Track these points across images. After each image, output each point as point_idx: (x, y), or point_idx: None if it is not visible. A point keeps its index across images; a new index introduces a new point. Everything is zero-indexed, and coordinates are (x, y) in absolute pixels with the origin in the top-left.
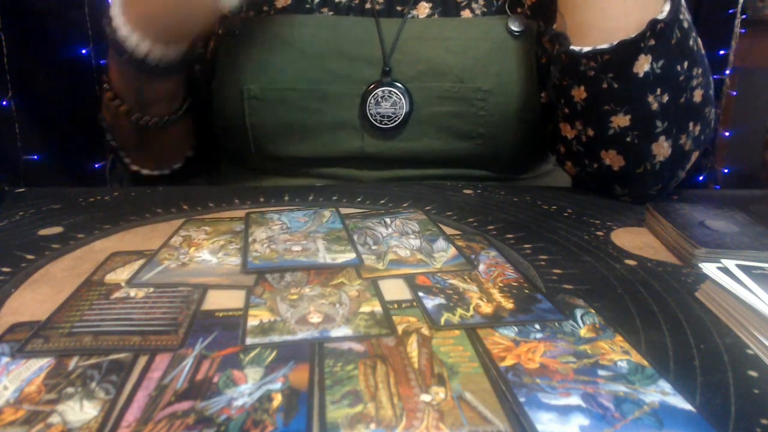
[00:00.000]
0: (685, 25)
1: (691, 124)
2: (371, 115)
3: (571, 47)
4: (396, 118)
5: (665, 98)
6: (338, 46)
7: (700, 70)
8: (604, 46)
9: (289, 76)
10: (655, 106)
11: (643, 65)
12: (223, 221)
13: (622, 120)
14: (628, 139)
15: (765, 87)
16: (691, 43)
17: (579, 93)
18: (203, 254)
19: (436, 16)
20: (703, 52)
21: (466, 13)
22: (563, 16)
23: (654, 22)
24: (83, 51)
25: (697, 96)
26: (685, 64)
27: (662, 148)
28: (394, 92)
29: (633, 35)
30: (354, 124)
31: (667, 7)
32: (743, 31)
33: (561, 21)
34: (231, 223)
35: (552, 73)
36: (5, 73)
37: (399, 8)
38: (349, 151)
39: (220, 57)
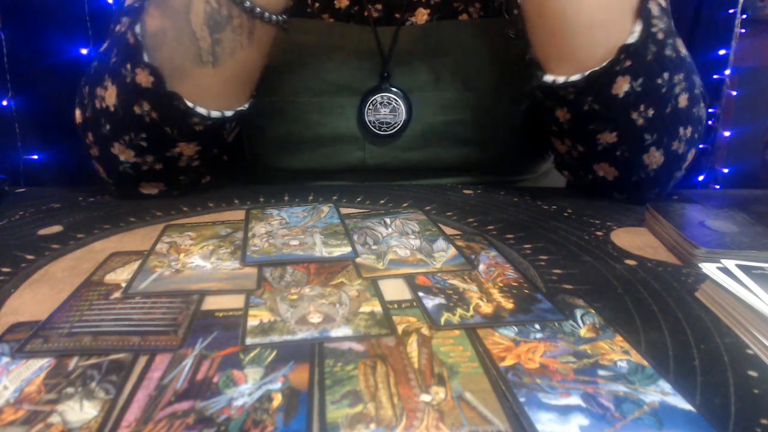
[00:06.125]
0: (660, 36)
1: (681, 129)
2: (370, 121)
3: (545, 78)
4: (395, 125)
5: (650, 112)
6: (338, 55)
7: (681, 75)
8: (576, 77)
9: (288, 88)
10: (640, 121)
11: (622, 86)
12: (206, 225)
13: (609, 137)
14: (618, 153)
15: (765, 87)
16: (668, 52)
17: (563, 114)
18: (195, 260)
19: (434, 21)
20: (683, 54)
21: (463, 17)
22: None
23: (623, 48)
24: (83, 51)
25: (683, 101)
26: (665, 75)
27: (654, 158)
28: (393, 98)
29: (603, 64)
30: (354, 134)
31: (638, 28)
32: (743, 31)
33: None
34: (215, 228)
35: (536, 94)
36: (5, 73)
37: (397, 15)
38: (351, 162)
39: None
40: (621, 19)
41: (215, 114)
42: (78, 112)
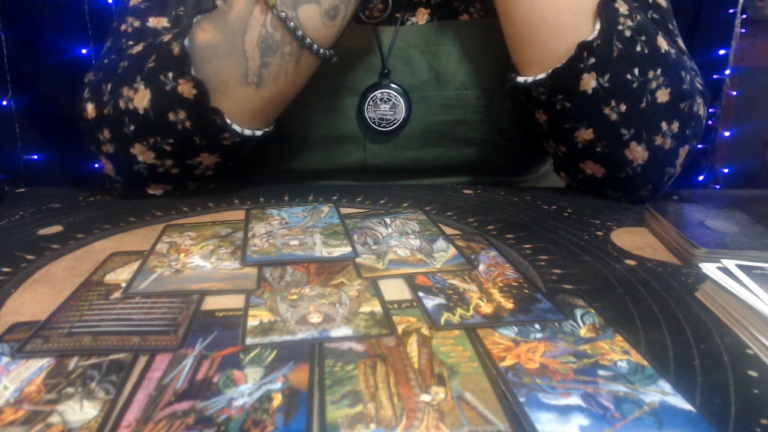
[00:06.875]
0: (627, 33)
1: (663, 124)
2: (369, 118)
3: (517, 80)
4: (395, 122)
5: (623, 107)
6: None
7: (659, 70)
8: (541, 76)
9: None
10: (614, 117)
11: (589, 83)
12: (206, 225)
13: (586, 134)
14: (599, 150)
15: (765, 87)
16: (639, 48)
17: (540, 116)
18: (195, 260)
19: (435, 21)
20: (663, 50)
21: (463, 17)
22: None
23: (582, 46)
24: (83, 51)
25: (662, 96)
26: (636, 71)
27: (636, 153)
28: (393, 95)
29: (564, 61)
30: (355, 134)
31: (597, 26)
32: (743, 31)
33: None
34: (214, 227)
35: (520, 98)
36: (5, 73)
37: (398, 15)
38: (351, 162)
39: None
40: (582, 20)
41: (247, 132)
42: (90, 107)
